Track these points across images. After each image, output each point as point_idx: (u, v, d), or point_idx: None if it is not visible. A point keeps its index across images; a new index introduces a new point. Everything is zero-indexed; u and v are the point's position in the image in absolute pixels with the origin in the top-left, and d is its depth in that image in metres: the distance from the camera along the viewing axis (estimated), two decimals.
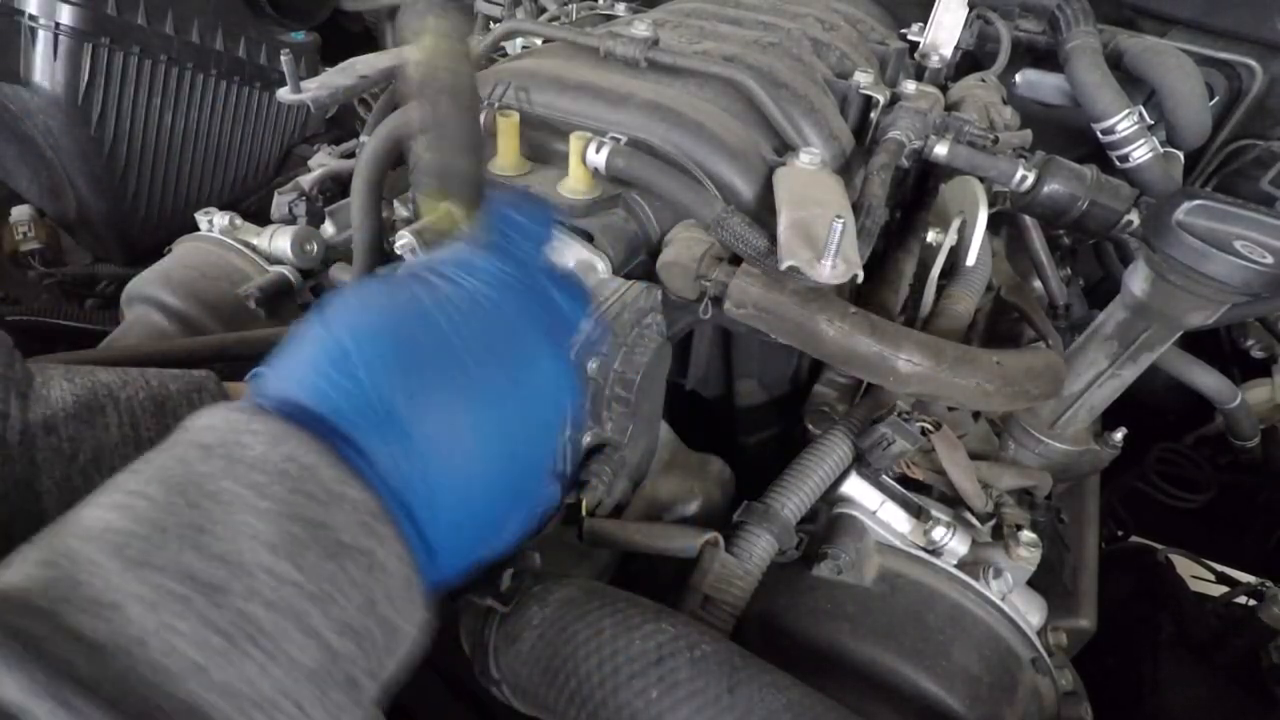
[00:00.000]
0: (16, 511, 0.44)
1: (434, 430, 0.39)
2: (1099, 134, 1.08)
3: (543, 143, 0.82)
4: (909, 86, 0.95)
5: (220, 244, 1.10)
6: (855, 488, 0.77)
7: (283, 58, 0.96)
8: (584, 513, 0.71)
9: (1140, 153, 1.05)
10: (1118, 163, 1.08)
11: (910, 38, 1.19)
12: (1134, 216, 0.86)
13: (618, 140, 0.74)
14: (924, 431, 0.76)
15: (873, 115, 0.92)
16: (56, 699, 0.26)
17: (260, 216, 1.18)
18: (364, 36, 2.05)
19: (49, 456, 0.46)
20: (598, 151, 0.73)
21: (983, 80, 1.15)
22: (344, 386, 0.38)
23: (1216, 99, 1.29)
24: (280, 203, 1.17)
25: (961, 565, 0.75)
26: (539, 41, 1.02)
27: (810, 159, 0.77)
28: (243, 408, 0.38)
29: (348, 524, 0.35)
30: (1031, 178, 0.87)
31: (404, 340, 0.41)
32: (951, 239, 0.92)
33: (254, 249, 1.10)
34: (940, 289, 0.93)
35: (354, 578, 0.35)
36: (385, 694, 0.39)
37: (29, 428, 0.46)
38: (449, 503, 0.40)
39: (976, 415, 0.93)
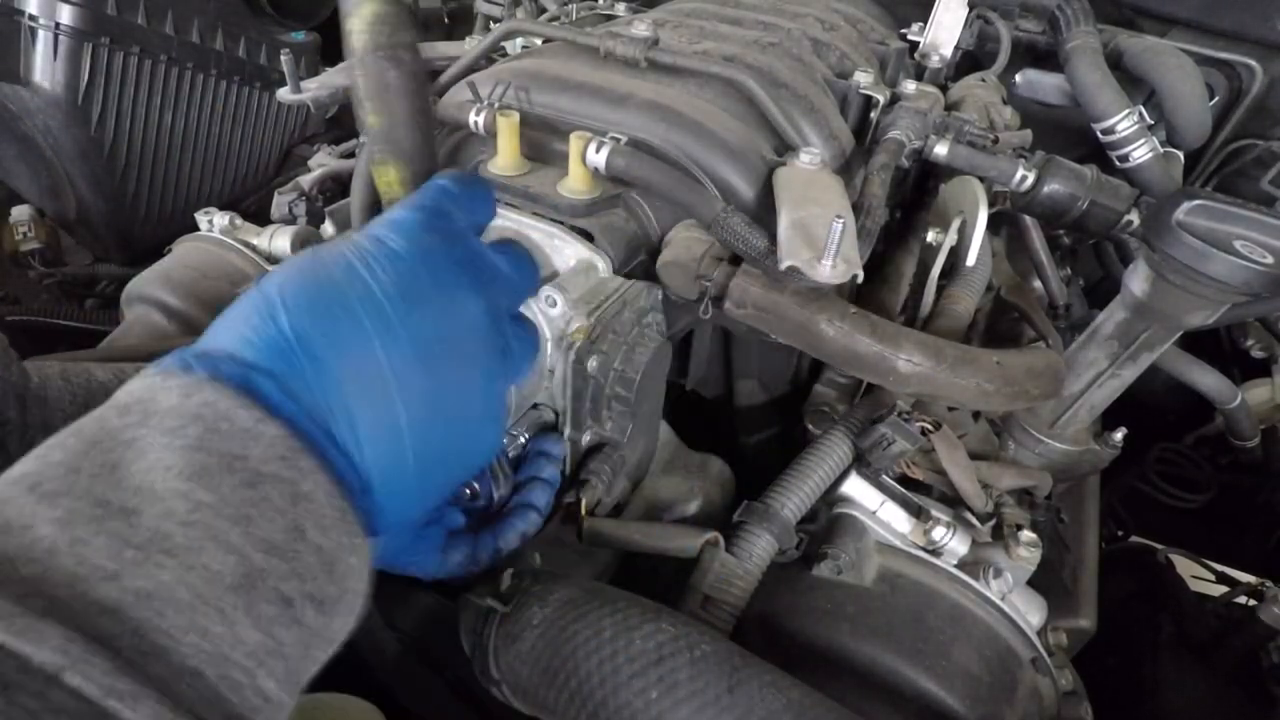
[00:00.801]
0: None
1: (354, 365, 0.40)
2: (1099, 134, 1.08)
3: (543, 142, 0.82)
4: (909, 86, 0.95)
5: (220, 244, 1.10)
6: (855, 488, 0.77)
7: (283, 58, 0.96)
8: (583, 512, 0.71)
9: (1140, 153, 1.05)
10: (1118, 163, 1.07)
11: (910, 38, 1.19)
12: (1134, 216, 0.86)
13: (618, 140, 0.74)
14: (924, 431, 0.76)
15: (873, 115, 0.92)
16: None
17: (260, 216, 1.18)
18: None
19: None
20: (598, 151, 0.73)
21: (983, 80, 1.15)
22: (266, 331, 0.40)
23: (1216, 99, 1.29)
24: (280, 203, 1.17)
25: (961, 565, 0.75)
26: (539, 41, 1.02)
27: (810, 159, 0.77)
28: (160, 370, 0.39)
29: (265, 457, 0.36)
30: (1031, 178, 0.87)
31: (323, 287, 0.42)
32: (951, 239, 0.92)
33: (254, 249, 1.10)
34: (940, 289, 0.93)
35: (275, 504, 0.35)
36: (342, 628, 0.39)
37: (28, 431, 0.46)
38: (375, 434, 0.40)
39: (976, 415, 0.93)
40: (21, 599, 0.28)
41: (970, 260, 0.92)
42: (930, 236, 0.92)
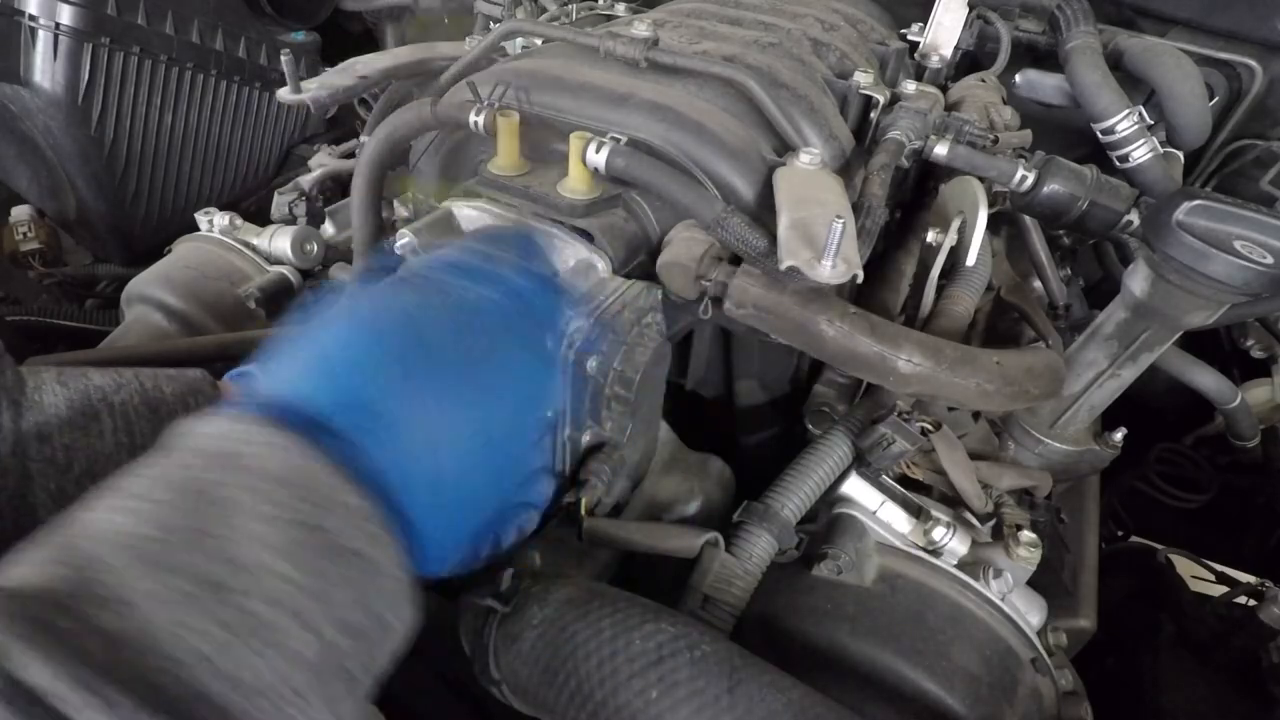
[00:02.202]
0: (10, 525, 0.43)
1: (411, 421, 0.42)
2: (1099, 134, 1.08)
3: (543, 143, 0.82)
4: (909, 86, 0.95)
5: (220, 244, 1.10)
6: (855, 488, 0.77)
7: (283, 58, 0.96)
8: (583, 512, 0.71)
9: (1140, 153, 1.05)
10: (1118, 163, 1.07)
11: (910, 38, 1.19)
12: (1134, 216, 0.86)
13: (618, 140, 0.74)
14: (924, 431, 0.76)
15: (873, 115, 0.92)
16: (79, 682, 0.28)
17: (260, 216, 1.18)
18: (364, 36, 2.05)
19: (43, 467, 0.46)
20: (598, 151, 0.73)
21: (983, 80, 1.15)
22: (337, 391, 0.41)
23: (1216, 99, 1.29)
24: (280, 203, 1.17)
25: (961, 565, 0.75)
26: (539, 41, 1.02)
27: (810, 159, 0.77)
28: (241, 416, 0.40)
29: (344, 528, 0.37)
30: (1031, 178, 0.87)
31: (382, 340, 0.44)
32: (951, 239, 0.92)
33: (254, 249, 1.10)
34: (940, 289, 0.92)
35: (350, 577, 0.37)
36: (377, 687, 0.40)
37: (22, 437, 0.46)
38: (428, 486, 0.42)
39: (976, 415, 0.93)
40: (128, 688, 0.29)
41: (970, 260, 0.92)
42: (930, 236, 0.92)
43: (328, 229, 1.17)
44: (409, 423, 0.42)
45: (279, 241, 1.09)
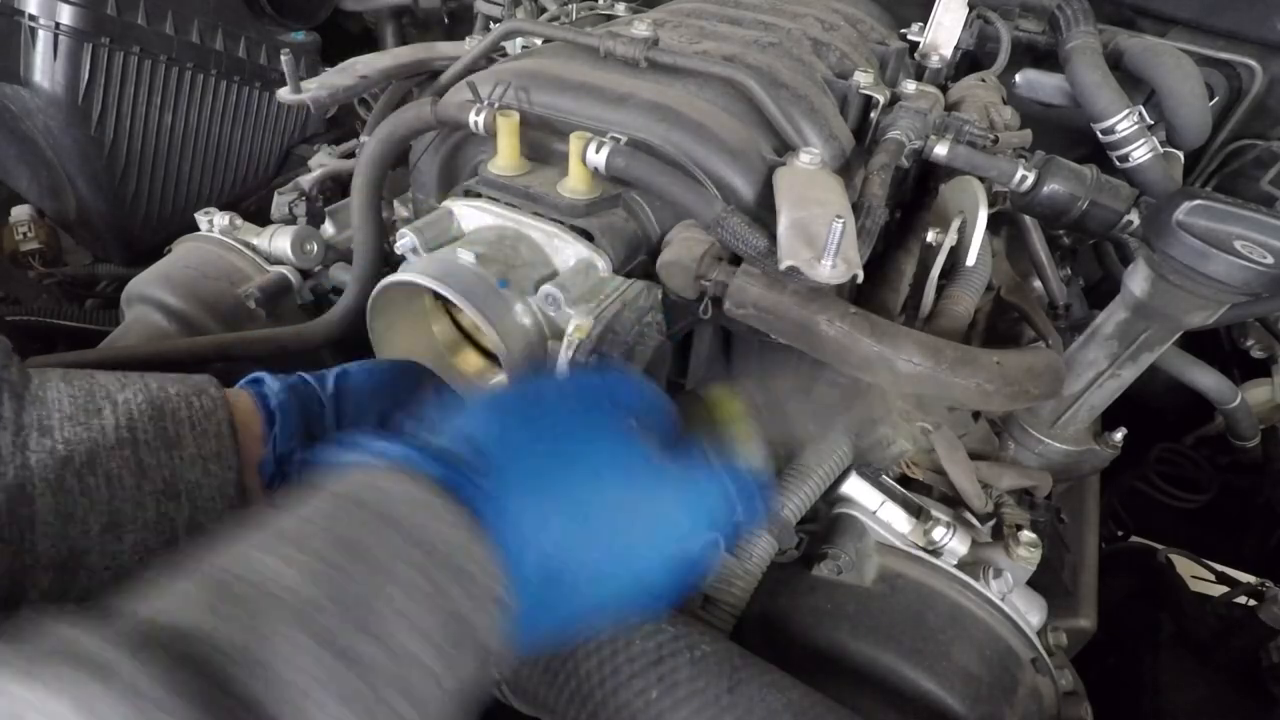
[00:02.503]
0: (7, 515, 0.43)
1: (539, 502, 0.43)
2: (1099, 134, 1.08)
3: (543, 142, 0.82)
4: (909, 86, 0.95)
5: (220, 244, 1.10)
6: (855, 488, 0.77)
7: (283, 58, 0.96)
8: None
9: (1140, 153, 1.05)
10: (1118, 163, 1.07)
11: (910, 38, 1.19)
12: (1134, 216, 0.86)
13: (618, 140, 0.74)
14: (924, 431, 0.76)
15: (873, 115, 0.92)
16: None
17: (260, 216, 1.18)
18: (364, 36, 2.04)
19: (43, 458, 0.46)
20: (598, 151, 0.73)
21: (983, 80, 1.14)
22: (484, 444, 0.42)
23: (1216, 99, 1.29)
24: (280, 203, 1.17)
25: (961, 565, 0.75)
26: (539, 41, 1.02)
27: (810, 159, 0.77)
28: (399, 470, 0.40)
29: (480, 613, 0.37)
30: (1031, 178, 0.87)
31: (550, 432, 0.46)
32: (951, 239, 0.92)
33: (254, 249, 1.10)
34: (940, 289, 0.92)
35: (471, 662, 0.37)
36: None
37: (23, 429, 0.46)
38: (540, 572, 0.42)
39: (976, 415, 0.93)
40: None
41: (970, 260, 0.92)
42: (930, 236, 0.92)
43: (328, 229, 1.17)
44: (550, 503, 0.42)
45: (279, 241, 1.09)
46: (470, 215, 0.80)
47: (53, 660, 0.26)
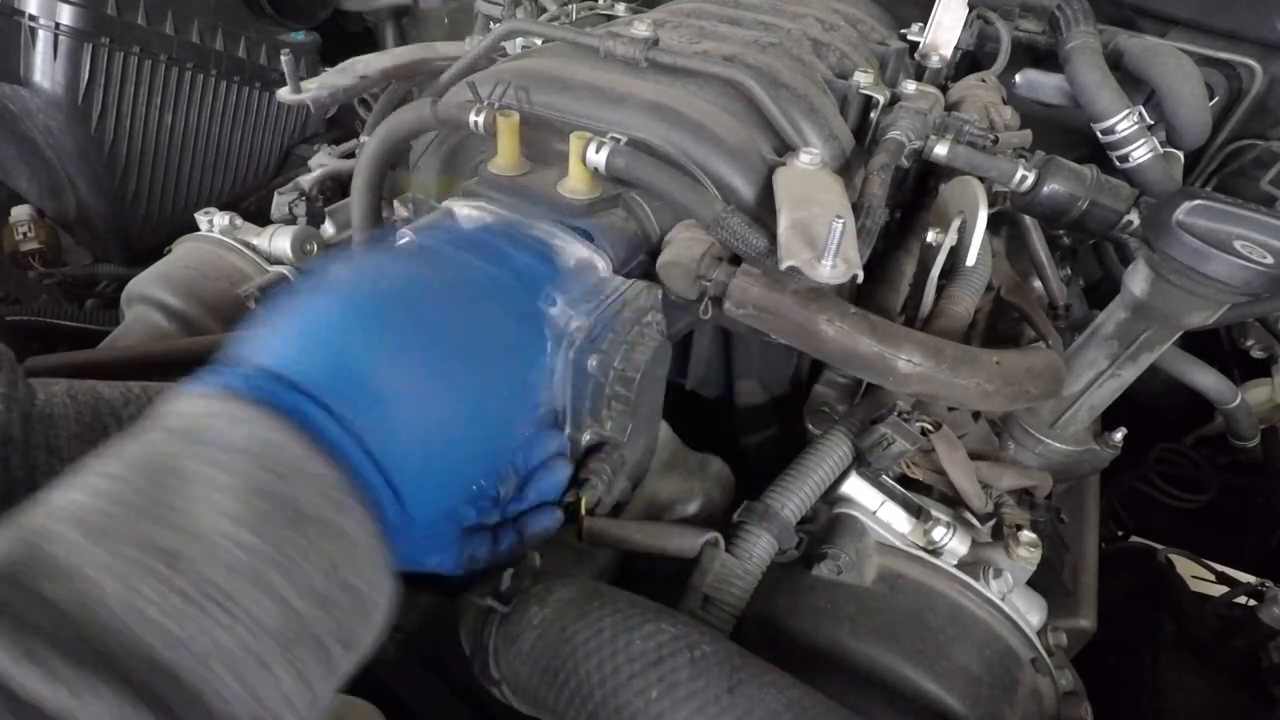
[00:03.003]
0: None
1: (399, 389, 0.41)
2: (1099, 134, 1.08)
3: (543, 142, 0.82)
4: (909, 86, 0.95)
5: (220, 244, 1.10)
6: (855, 488, 0.77)
7: (283, 58, 0.96)
8: (583, 512, 0.71)
9: (1140, 153, 1.05)
10: (1118, 163, 1.07)
11: (910, 38, 1.19)
12: (1134, 216, 0.86)
13: (618, 140, 0.74)
14: (924, 431, 0.76)
15: (873, 115, 0.92)
16: (23, 652, 0.27)
17: (260, 216, 1.18)
18: (364, 36, 2.05)
19: (51, 479, 0.46)
20: (597, 151, 0.73)
21: (983, 80, 1.14)
22: (319, 357, 0.40)
23: (1216, 99, 1.29)
24: (280, 203, 1.17)
25: (961, 565, 0.75)
26: (539, 41, 1.02)
27: (810, 159, 0.77)
28: (210, 391, 0.39)
29: (310, 496, 0.36)
30: (1031, 178, 0.87)
31: (368, 305, 0.43)
32: (951, 239, 0.92)
33: (254, 249, 1.10)
34: (940, 289, 0.92)
35: (317, 545, 0.36)
36: (358, 660, 0.39)
37: (31, 451, 0.46)
38: (411, 449, 0.41)
39: (976, 415, 0.93)
40: (75, 658, 0.28)
41: (970, 260, 0.92)
42: (930, 236, 0.92)
43: (328, 229, 1.17)
44: (393, 389, 0.41)
45: (279, 241, 1.09)
46: (470, 215, 0.80)
47: None
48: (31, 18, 1.43)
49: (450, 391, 0.43)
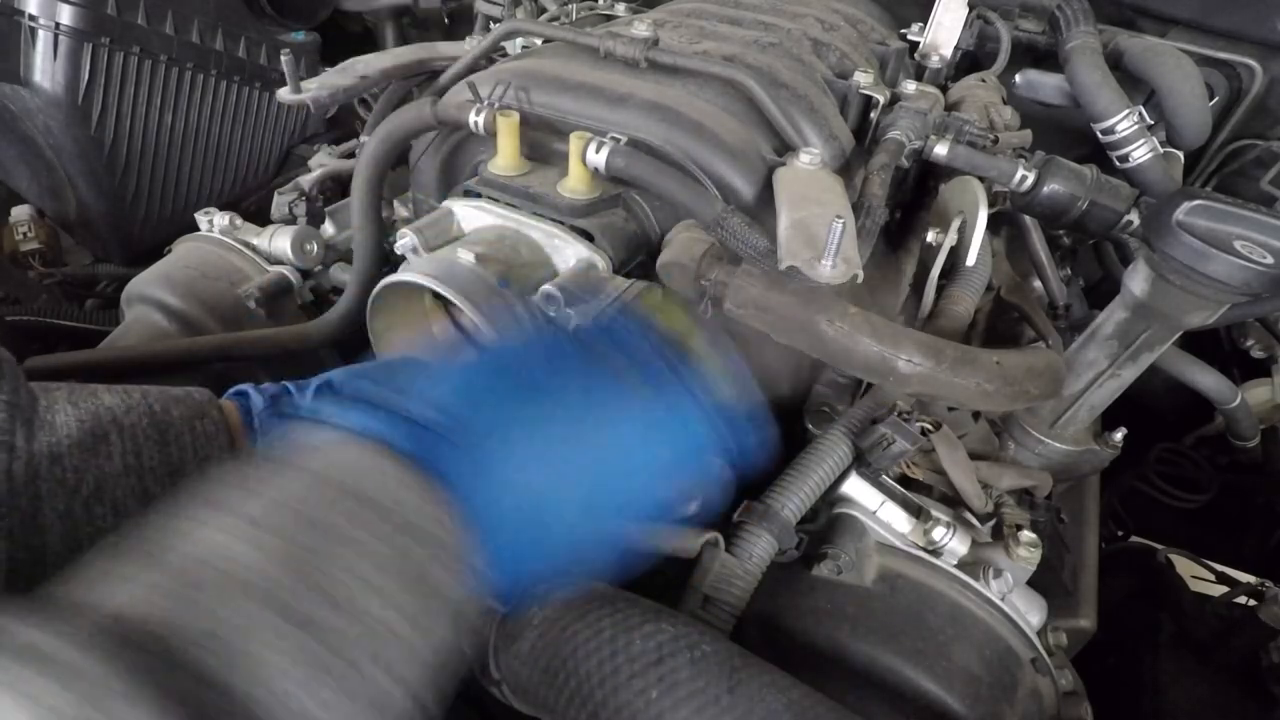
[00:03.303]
0: (19, 546, 0.43)
1: (510, 456, 0.42)
2: (1099, 134, 1.08)
3: (543, 142, 0.82)
4: (909, 86, 0.95)
5: (220, 244, 1.10)
6: (855, 488, 0.77)
7: (283, 58, 0.96)
8: None
9: (1140, 153, 1.05)
10: (1118, 163, 1.07)
11: (910, 38, 1.19)
12: (1134, 216, 0.86)
13: (618, 140, 0.74)
14: (924, 431, 0.76)
15: (873, 115, 0.92)
16: None
17: (260, 216, 1.18)
18: (364, 36, 2.05)
19: (52, 488, 0.46)
20: (597, 151, 0.73)
21: (983, 80, 1.15)
22: (438, 405, 0.42)
23: (1216, 99, 1.29)
24: (280, 203, 1.17)
25: (961, 565, 0.75)
26: (539, 41, 1.02)
27: (810, 159, 0.77)
28: (354, 443, 0.40)
29: (447, 576, 0.37)
30: (1031, 178, 0.87)
31: (510, 381, 0.45)
32: (951, 239, 0.92)
33: (254, 249, 1.10)
34: (940, 289, 0.92)
35: (444, 623, 0.37)
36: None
37: (34, 458, 0.46)
38: (515, 521, 0.42)
39: (976, 415, 0.93)
40: None
41: (970, 260, 0.92)
42: (930, 236, 0.92)
43: (328, 229, 1.17)
44: (504, 450, 0.42)
45: (279, 241, 1.09)
46: (470, 215, 0.80)
47: (12, 662, 0.26)
48: (31, 18, 1.43)
49: (564, 463, 0.44)
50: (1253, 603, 1.10)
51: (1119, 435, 0.92)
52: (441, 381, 0.45)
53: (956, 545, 0.75)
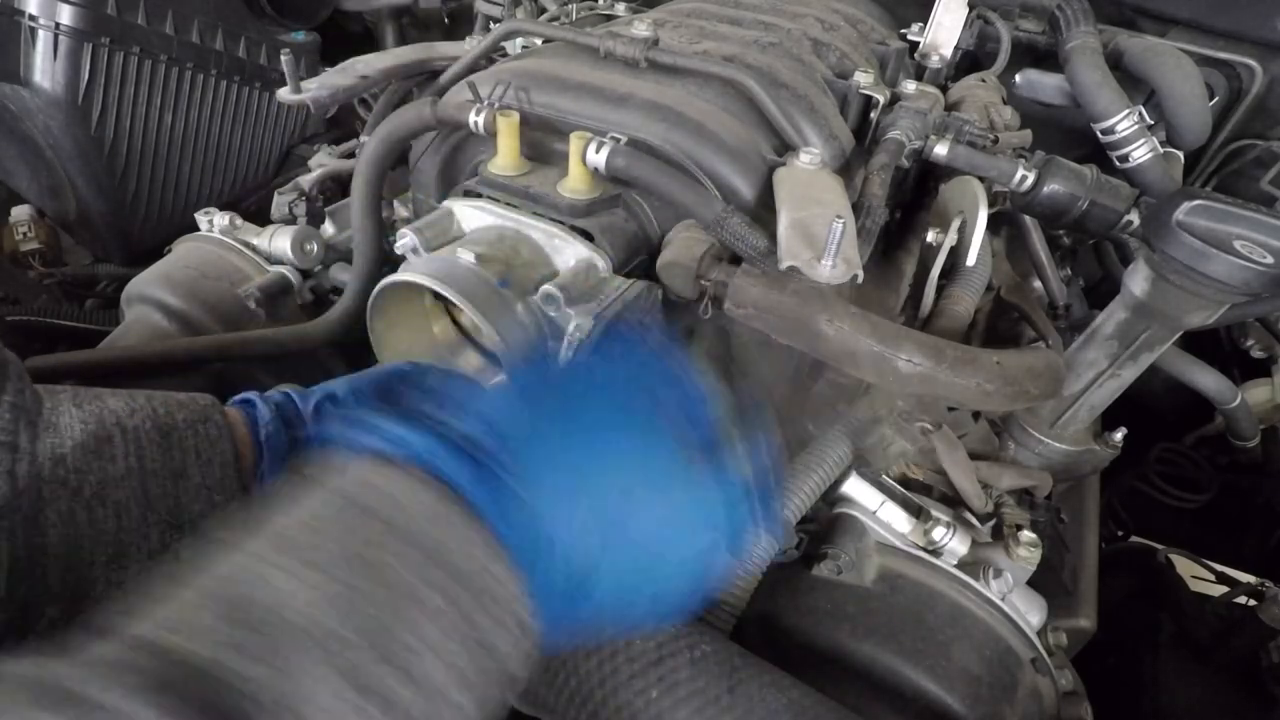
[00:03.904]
0: (21, 546, 0.43)
1: (556, 494, 0.40)
2: (1099, 134, 1.08)
3: (543, 142, 0.82)
4: (909, 86, 0.95)
5: (220, 244, 1.10)
6: (855, 488, 0.77)
7: (283, 58, 0.96)
8: None
9: (1140, 153, 1.05)
10: (1118, 163, 1.07)
11: (910, 38, 1.19)
12: (1134, 216, 0.86)
13: (618, 140, 0.74)
14: (924, 431, 0.76)
15: (873, 115, 0.92)
16: None
17: (260, 216, 1.17)
18: (364, 36, 2.05)
19: (55, 489, 0.46)
20: (598, 151, 0.73)
21: (983, 80, 1.15)
22: (502, 434, 0.39)
23: (1216, 99, 1.29)
24: (280, 203, 1.16)
25: (961, 565, 0.75)
26: (539, 41, 1.02)
27: (810, 159, 0.77)
28: (408, 473, 0.38)
29: (504, 637, 0.35)
30: (1031, 178, 0.87)
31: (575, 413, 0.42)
32: (951, 239, 0.92)
33: (254, 249, 1.10)
34: (940, 289, 0.92)
35: (497, 691, 0.35)
36: None
37: (37, 459, 0.46)
38: (564, 576, 0.40)
39: (976, 415, 0.93)
40: None
41: (970, 260, 0.92)
42: (930, 236, 0.92)
43: (328, 229, 1.16)
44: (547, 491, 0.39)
45: (279, 241, 1.09)
46: (470, 215, 0.80)
47: (53, 704, 0.25)
48: (31, 18, 1.42)
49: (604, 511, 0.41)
50: (1253, 603, 1.10)
51: (1119, 435, 0.92)
52: (492, 401, 0.43)
53: (956, 545, 0.75)
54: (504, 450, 0.39)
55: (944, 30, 1.15)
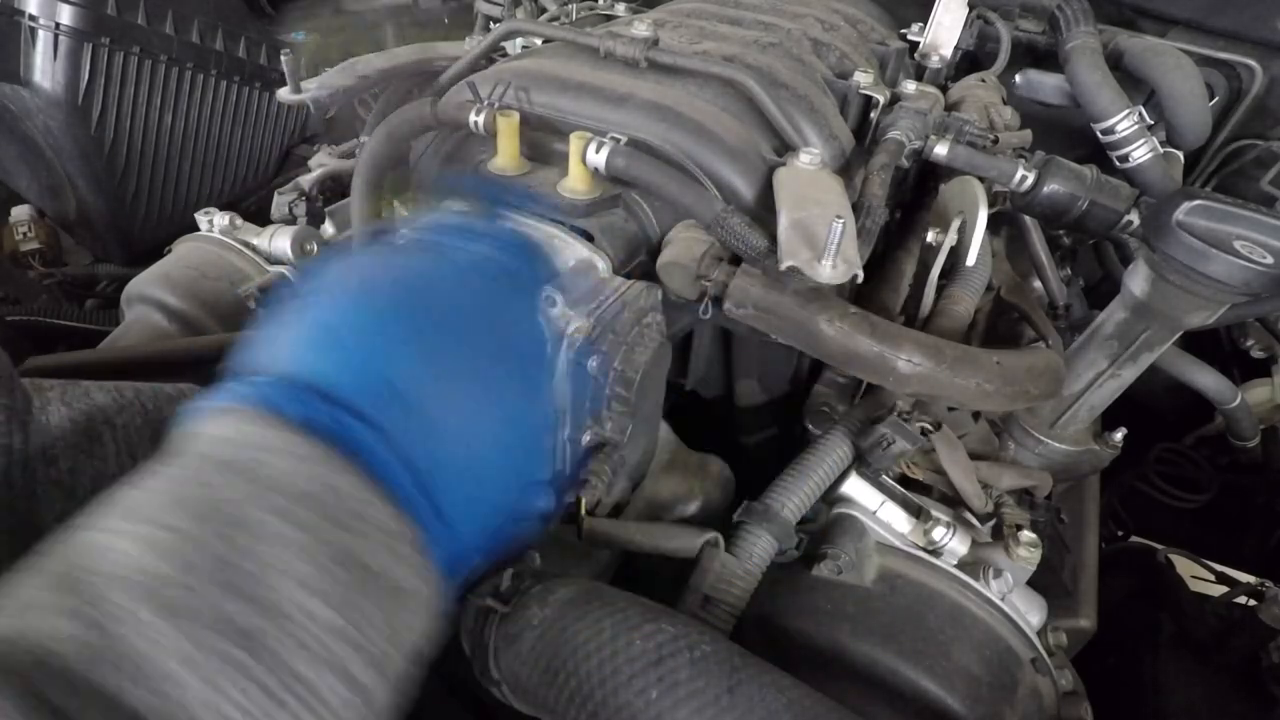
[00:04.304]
0: (20, 549, 0.43)
1: (434, 396, 0.39)
2: (1099, 134, 1.08)
3: (543, 143, 0.82)
4: (909, 86, 0.95)
5: (220, 244, 1.10)
6: (855, 488, 0.77)
7: (283, 58, 0.96)
8: (583, 512, 0.71)
9: (1140, 153, 1.05)
10: (1118, 163, 1.07)
11: (910, 38, 1.19)
12: (1134, 216, 0.86)
13: (618, 140, 0.74)
14: (924, 431, 0.76)
15: (873, 115, 0.92)
16: None
17: (260, 216, 1.18)
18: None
19: (49, 489, 0.45)
20: (598, 151, 0.73)
21: (983, 80, 1.15)
22: (337, 363, 0.37)
23: (1216, 99, 1.29)
24: (280, 203, 1.17)
25: (961, 565, 0.75)
26: (539, 41, 1.02)
27: (810, 159, 0.77)
28: (252, 414, 0.36)
29: (374, 550, 0.34)
30: (1031, 178, 0.87)
31: (391, 307, 0.40)
32: (951, 239, 0.92)
33: (254, 249, 1.10)
34: (940, 289, 0.92)
35: (382, 608, 0.34)
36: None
37: (30, 460, 0.46)
38: (458, 474, 0.39)
39: (976, 415, 0.93)
40: None
41: (970, 260, 0.92)
42: (930, 236, 0.92)
43: (328, 229, 1.17)
44: (433, 399, 0.38)
45: (279, 241, 1.09)
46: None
47: None
48: (31, 18, 1.43)
49: (484, 396, 0.41)
50: (1253, 603, 1.10)
51: (1119, 435, 0.92)
52: (320, 324, 0.40)
53: (956, 545, 0.75)
54: (343, 375, 0.38)
55: (944, 30, 1.15)
